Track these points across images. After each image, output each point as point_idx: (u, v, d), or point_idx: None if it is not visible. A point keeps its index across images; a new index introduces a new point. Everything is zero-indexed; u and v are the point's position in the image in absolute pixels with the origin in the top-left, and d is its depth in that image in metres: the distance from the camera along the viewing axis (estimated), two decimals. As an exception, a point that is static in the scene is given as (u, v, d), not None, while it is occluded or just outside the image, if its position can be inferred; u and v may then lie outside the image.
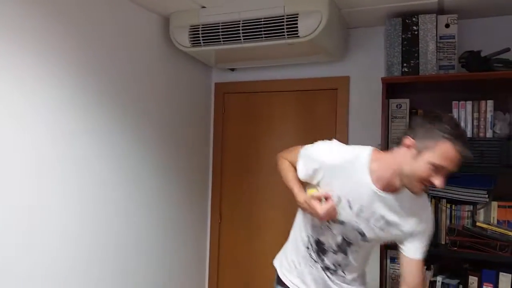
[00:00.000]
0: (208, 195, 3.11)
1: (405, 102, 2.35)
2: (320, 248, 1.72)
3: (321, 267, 1.74)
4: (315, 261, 1.74)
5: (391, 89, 2.30)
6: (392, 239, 1.67)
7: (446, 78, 2.21)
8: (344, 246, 1.68)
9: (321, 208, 1.55)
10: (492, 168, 2.15)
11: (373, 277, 2.34)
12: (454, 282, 2.17)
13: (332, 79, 2.80)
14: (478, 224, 2.16)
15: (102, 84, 2.14)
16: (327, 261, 1.72)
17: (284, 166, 1.80)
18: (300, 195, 1.67)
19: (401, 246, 1.66)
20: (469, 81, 2.16)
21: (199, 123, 2.99)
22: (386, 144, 2.32)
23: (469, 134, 2.22)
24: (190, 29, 2.43)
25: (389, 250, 2.28)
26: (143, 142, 2.44)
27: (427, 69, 2.27)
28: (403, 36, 2.32)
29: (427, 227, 1.64)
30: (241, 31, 2.31)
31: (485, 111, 2.20)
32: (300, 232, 1.79)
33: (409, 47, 2.30)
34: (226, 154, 3.10)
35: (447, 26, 2.29)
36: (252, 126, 3.03)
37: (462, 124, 2.23)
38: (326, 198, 1.57)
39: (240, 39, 2.33)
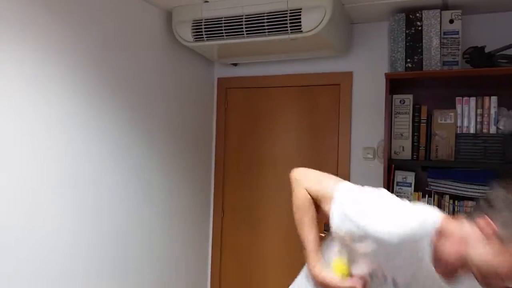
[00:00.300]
0: (210, 189, 3.11)
1: (409, 98, 2.34)
2: None
3: None
4: None
5: (394, 84, 2.30)
6: None
7: (450, 74, 2.20)
8: None
9: None
10: (495, 164, 2.15)
11: None
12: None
13: (335, 75, 2.80)
14: (481, 220, 2.16)
15: (104, 79, 2.14)
16: None
17: (302, 202, 1.34)
18: (316, 264, 1.24)
19: None
20: (473, 77, 2.16)
21: (201, 118, 2.99)
22: (389, 140, 2.32)
23: (472, 130, 2.22)
24: (193, 23, 2.43)
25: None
26: (145, 137, 2.44)
27: (430, 64, 2.26)
28: (407, 31, 2.31)
29: None
30: (244, 26, 2.31)
31: (489, 107, 2.19)
32: None
33: (413, 42, 2.29)
34: (229, 149, 3.10)
35: (451, 21, 2.28)
36: (255, 121, 3.03)
37: (466, 120, 2.23)
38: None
39: (243, 34, 2.32)
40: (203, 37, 2.42)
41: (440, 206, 2.28)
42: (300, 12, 2.18)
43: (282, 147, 2.96)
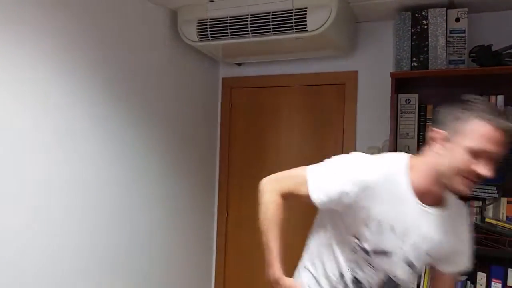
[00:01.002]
0: (215, 189, 3.11)
1: (414, 97, 2.33)
2: None
3: None
4: None
5: (400, 84, 2.29)
6: (433, 261, 1.41)
7: (456, 73, 2.19)
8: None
9: None
10: (501, 164, 2.13)
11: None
12: (462, 278, 2.16)
13: (340, 74, 2.79)
14: (487, 220, 2.15)
15: (108, 79, 2.15)
16: None
17: (272, 207, 1.37)
18: (276, 270, 1.37)
19: (440, 264, 1.43)
20: (479, 75, 2.14)
21: (206, 118, 2.99)
22: (395, 140, 2.31)
23: (478, 129, 2.20)
24: (198, 23, 2.43)
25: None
26: (150, 137, 2.44)
27: (436, 63, 2.25)
28: (412, 30, 2.30)
29: (470, 238, 1.41)
30: (249, 25, 2.30)
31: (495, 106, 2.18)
32: (327, 262, 1.38)
33: (419, 41, 2.28)
34: (233, 149, 3.10)
35: (457, 20, 2.27)
36: (259, 121, 3.03)
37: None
38: None
39: (248, 33, 2.32)
40: (208, 37, 2.42)
41: (446, 205, 2.27)
42: (306, 11, 2.17)
43: (287, 146, 2.96)
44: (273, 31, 2.27)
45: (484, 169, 1.18)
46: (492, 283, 2.08)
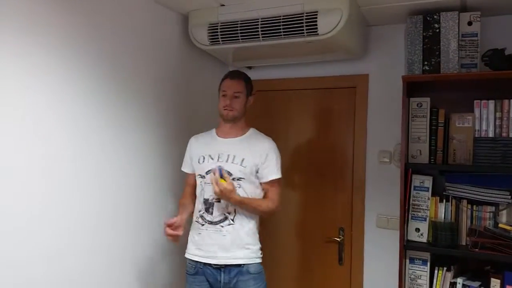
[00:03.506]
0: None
1: (426, 101, 2.31)
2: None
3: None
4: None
5: (411, 87, 2.27)
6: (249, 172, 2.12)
7: (468, 77, 2.17)
8: None
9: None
10: (515, 169, 2.11)
11: (393, 276, 2.33)
12: (475, 284, 2.14)
13: (351, 77, 2.78)
14: (500, 225, 2.12)
15: (120, 82, 2.16)
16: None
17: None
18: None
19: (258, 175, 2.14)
20: (492, 79, 2.12)
21: (217, 122, 2.98)
22: (406, 144, 2.29)
23: (491, 133, 2.19)
24: (209, 27, 2.44)
25: (408, 251, 2.26)
26: (160, 139, 2.45)
27: (448, 67, 2.23)
28: (424, 34, 2.28)
29: (270, 152, 2.16)
30: (259, 29, 2.31)
31: (508, 111, 2.16)
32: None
33: (431, 45, 2.27)
34: (243, 152, 3.09)
35: (469, 23, 2.25)
36: (270, 125, 3.01)
37: (484, 123, 2.20)
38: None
39: (259, 37, 2.32)
40: (218, 40, 2.43)
41: (458, 210, 2.25)
42: (316, 15, 2.17)
43: (297, 149, 2.95)
44: (283, 35, 2.27)
45: (226, 101, 2.17)
46: (506, 290, 2.05)
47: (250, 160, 2.11)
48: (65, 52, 1.85)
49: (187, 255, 2.18)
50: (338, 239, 2.78)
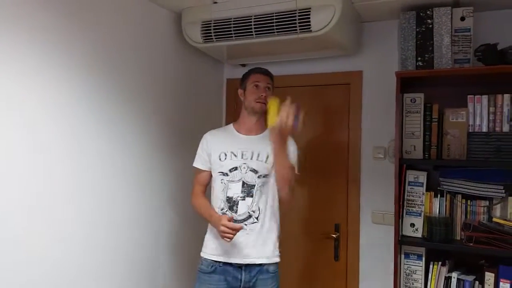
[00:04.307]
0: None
1: (420, 97, 2.32)
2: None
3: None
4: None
5: (405, 83, 2.28)
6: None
7: (461, 72, 2.18)
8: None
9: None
10: (508, 163, 2.12)
11: (388, 272, 2.34)
12: (470, 278, 2.15)
13: (345, 74, 2.78)
14: (494, 219, 2.13)
15: (113, 81, 2.15)
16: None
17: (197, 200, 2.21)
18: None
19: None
20: (485, 74, 2.13)
21: (211, 119, 2.99)
22: (401, 139, 2.30)
23: (485, 128, 2.19)
24: (202, 24, 2.43)
25: (403, 246, 2.27)
26: (153, 138, 2.45)
27: (442, 63, 2.24)
28: (417, 29, 2.29)
29: (290, 146, 2.11)
30: (253, 26, 2.30)
31: (502, 105, 2.16)
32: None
33: (424, 40, 2.27)
34: (238, 149, 3.09)
35: (462, 19, 2.25)
36: (264, 122, 3.02)
37: (478, 118, 2.21)
38: None
39: (252, 34, 2.32)
40: (212, 38, 2.43)
41: (452, 205, 2.26)
42: (309, 11, 2.17)
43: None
44: (277, 32, 2.27)
45: (261, 92, 2.12)
46: (501, 283, 2.06)
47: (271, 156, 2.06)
48: (58, 52, 1.84)
49: (204, 255, 2.12)
50: (334, 236, 2.78)
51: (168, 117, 2.55)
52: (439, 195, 2.28)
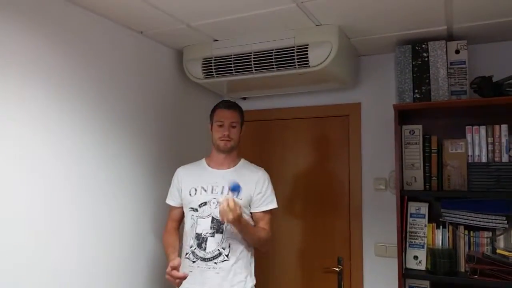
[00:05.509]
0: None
1: (418, 128, 2.34)
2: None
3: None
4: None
5: (403, 115, 2.31)
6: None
7: (458, 104, 2.20)
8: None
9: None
10: (509, 193, 2.12)
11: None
12: (475, 311, 2.12)
13: (344, 106, 2.82)
14: (498, 251, 2.12)
15: (117, 115, 2.19)
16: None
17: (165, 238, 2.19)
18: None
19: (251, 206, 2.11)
20: (482, 106, 2.16)
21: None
22: (401, 170, 2.31)
23: (484, 159, 2.21)
24: (203, 61, 2.48)
25: (407, 279, 2.24)
26: (157, 171, 2.46)
27: (439, 95, 2.27)
28: (413, 63, 2.34)
29: (265, 181, 2.16)
30: (252, 62, 2.35)
31: (500, 136, 2.19)
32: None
33: (420, 73, 2.31)
34: (240, 182, 3.10)
35: (457, 52, 2.30)
36: (265, 154, 3.04)
37: (477, 148, 2.23)
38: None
39: (252, 70, 2.37)
40: (213, 74, 2.48)
41: (455, 237, 2.24)
42: (307, 48, 2.22)
43: (293, 178, 2.96)
44: (276, 68, 2.31)
45: (224, 131, 2.12)
46: (507, 317, 2.03)
47: (245, 191, 2.05)
48: (60, 88, 1.88)
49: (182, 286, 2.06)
50: (337, 269, 2.75)
51: (170, 150, 2.57)
52: (441, 227, 2.27)
